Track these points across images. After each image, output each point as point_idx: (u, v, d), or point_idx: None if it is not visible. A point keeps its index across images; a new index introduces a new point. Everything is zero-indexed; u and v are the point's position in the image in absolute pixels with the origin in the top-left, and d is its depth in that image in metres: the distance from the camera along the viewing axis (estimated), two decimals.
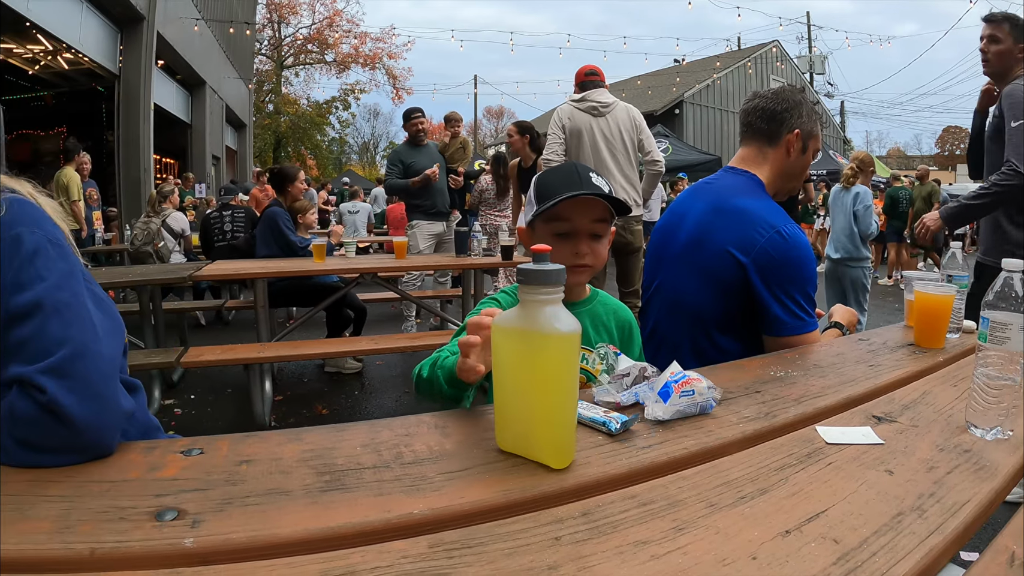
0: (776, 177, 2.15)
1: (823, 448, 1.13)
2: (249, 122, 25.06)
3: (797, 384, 1.50)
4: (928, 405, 1.38)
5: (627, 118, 4.93)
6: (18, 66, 12.86)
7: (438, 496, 0.91)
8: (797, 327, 1.94)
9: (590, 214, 1.58)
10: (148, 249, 7.40)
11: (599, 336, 1.69)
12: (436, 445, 1.09)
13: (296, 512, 0.87)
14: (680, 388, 1.22)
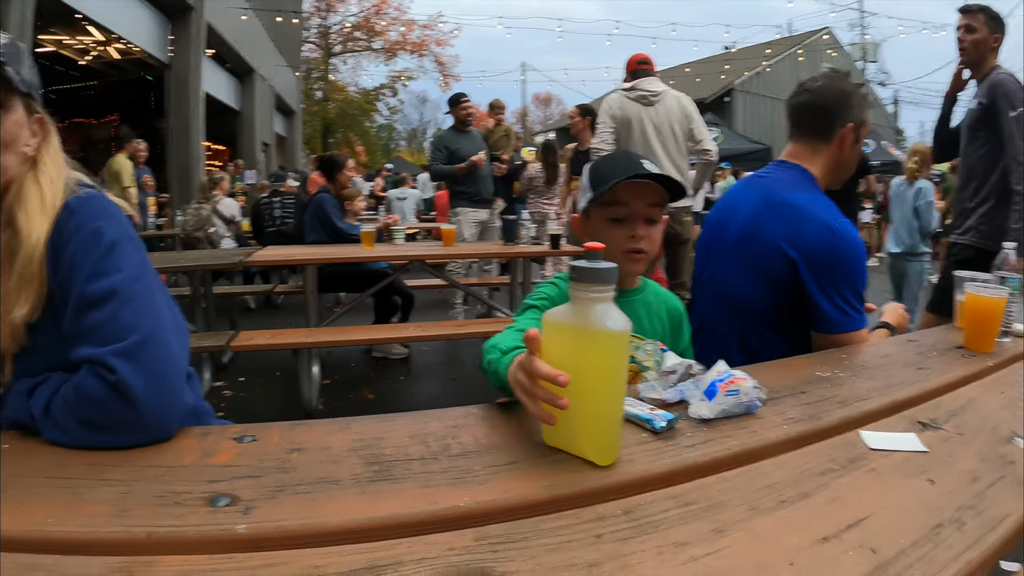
0: (829, 171, 2.11)
1: (866, 454, 1.12)
2: (298, 109, 25.34)
3: (843, 386, 1.46)
4: (974, 412, 1.34)
5: (677, 107, 4.87)
6: (69, 57, 13.15)
7: (484, 489, 0.92)
8: (846, 324, 1.91)
9: (645, 198, 1.60)
10: (199, 235, 7.57)
11: (652, 326, 1.71)
12: (483, 438, 1.11)
13: (345, 501, 0.89)
14: (725, 387, 1.22)
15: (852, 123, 2.05)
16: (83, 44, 12.53)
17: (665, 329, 1.75)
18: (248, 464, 1.00)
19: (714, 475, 1.02)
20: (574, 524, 0.84)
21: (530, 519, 0.85)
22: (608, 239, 1.59)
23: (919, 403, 1.40)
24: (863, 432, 1.20)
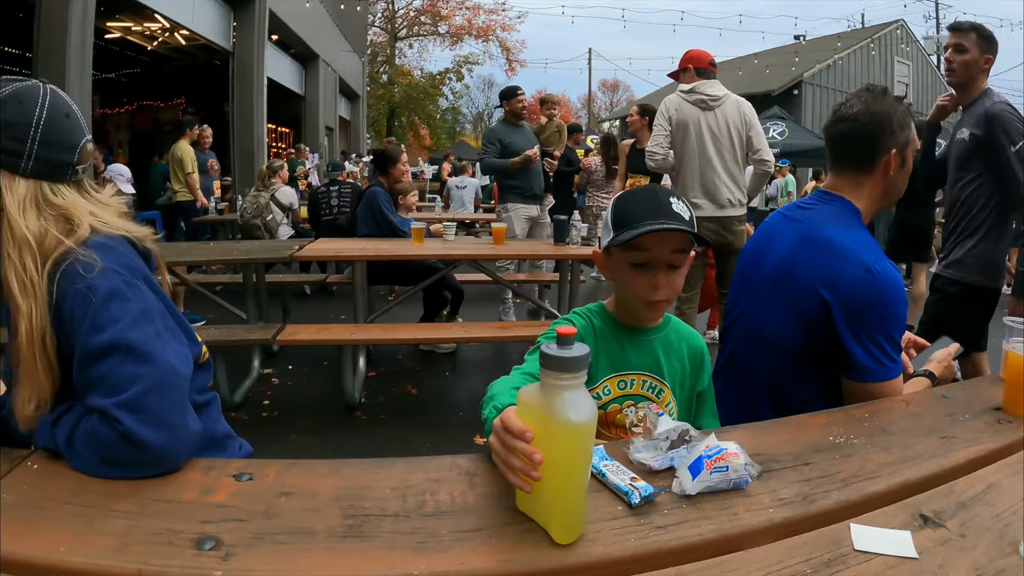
0: (876, 201, 1.99)
1: (848, 555, 0.99)
2: (362, 93, 25.63)
3: (854, 457, 1.32)
4: (988, 505, 1.16)
5: (737, 113, 4.71)
6: (137, 42, 13.52)
7: (443, 557, 0.92)
8: (879, 374, 1.78)
9: (669, 245, 1.53)
10: (257, 222, 7.71)
11: (671, 365, 1.67)
12: (459, 496, 1.10)
13: (316, 556, 0.93)
14: (713, 464, 1.14)
15: (895, 148, 1.92)
16: (150, 31, 12.87)
17: (685, 369, 1.70)
18: (239, 505, 1.05)
19: (677, 566, 0.95)
20: None
21: None
22: (627, 285, 1.59)
23: (931, 486, 1.23)
24: (854, 525, 1.07)
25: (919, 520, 1.10)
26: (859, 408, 1.66)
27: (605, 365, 1.63)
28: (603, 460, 1.19)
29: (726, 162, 4.69)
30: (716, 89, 4.73)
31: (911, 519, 1.10)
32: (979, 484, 1.24)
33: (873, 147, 1.93)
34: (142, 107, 16.46)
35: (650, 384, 1.64)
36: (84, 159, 1.36)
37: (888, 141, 1.92)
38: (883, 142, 1.92)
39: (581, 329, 1.64)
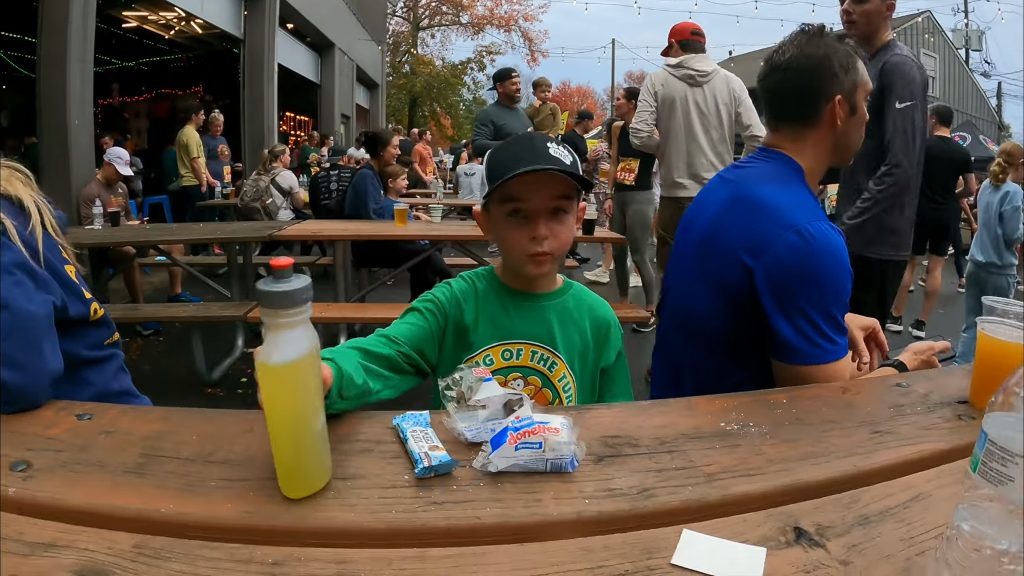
0: (825, 156, 1.74)
1: (655, 570, 0.78)
2: (382, 82, 25.65)
3: (740, 449, 1.09)
4: (902, 523, 0.88)
5: (726, 89, 4.53)
6: (155, 31, 13.63)
7: (195, 500, 0.89)
8: (812, 355, 1.52)
9: (549, 190, 1.40)
10: (256, 205, 7.75)
11: (565, 333, 1.52)
12: (256, 448, 1.04)
13: (93, 485, 0.93)
14: (519, 438, 0.96)
15: (840, 95, 1.66)
16: (165, 20, 12.94)
17: (587, 341, 1.55)
18: (64, 439, 1.07)
19: (419, 548, 0.81)
20: (222, 560, 0.77)
21: (196, 540, 0.81)
22: (508, 239, 1.46)
23: (830, 492, 0.97)
24: (688, 532, 0.85)
25: (791, 534, 0.85)
26: (778, 392, 1.39)
27: (487, 333, 1.50)
28: (416, 425, 1.08)
29: (713, 141, 4.53)
30: (705, 64, 4.55)
31: (779, 532, 0.86)
32: (901, 494, 0.96)
33: (814, 97, 1.68)
34: (160, 95, 16.59)
35: (541, 355, 1.51)
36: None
37: (830, 87, 1.67)
38: (824, 89, 1.67)
39: (459, 292, 1.54)
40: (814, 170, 1.75)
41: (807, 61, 1.68)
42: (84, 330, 1.47)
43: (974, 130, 17.03)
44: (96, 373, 1.50)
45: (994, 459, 0.68)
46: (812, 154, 1.73)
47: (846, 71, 1.67)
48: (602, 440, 1.10)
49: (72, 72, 7.17)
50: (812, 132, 1.71)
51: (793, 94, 1.70)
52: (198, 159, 8.86)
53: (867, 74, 1.73)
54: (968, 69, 26.64)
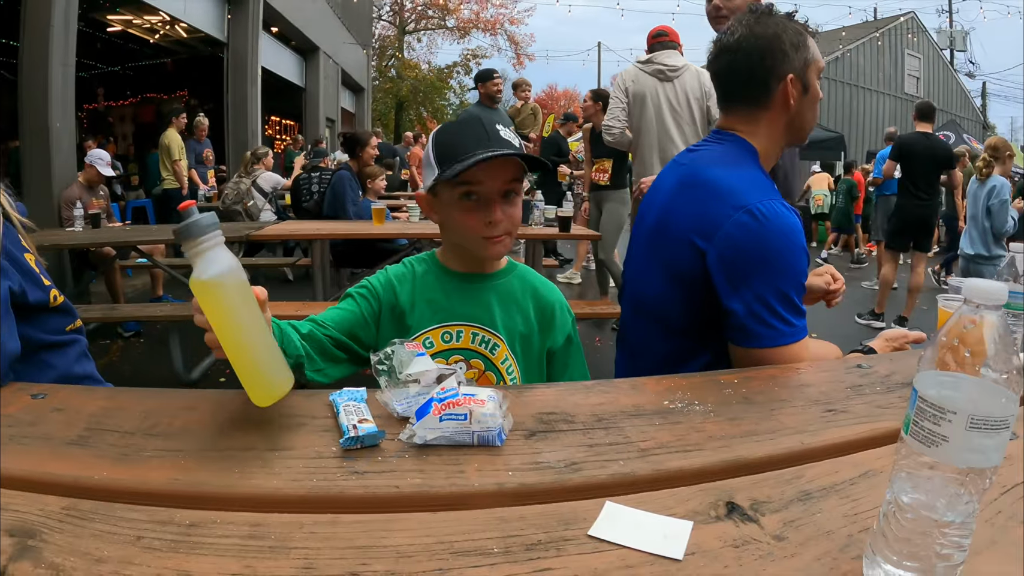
0: (779, 136, 1.72)
1: (570, 541, 0.77)
2: (368, 86, 25.59)
3: (680, 426, 1.07)
4: (847, 499, 0.86)
5: (697, 84, 4.54)
6: (139, 36, 13.59)
7: (128, 469, 0.91)
8: (767, 338, 1.50)
9: (504, 175, 1.42)
10: (238, 208, 7.74)
11: (507, 315, 1.52)
12: (194, 423, 1.07)
13: (37, 455, 0.95)
14: (443, 409, 0.97)
15: (792, 73, 1.64)
16: (150, 24, 12.89)
17: (531, 323, 1.54)
18: (17, 416, 1.09)
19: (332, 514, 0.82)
20: (143, 521, 0.79)
21: (124, 504, 0.83)
22: (461, 223, 1.46)
23: (772, 468, 0.95)
24: (610, 504, 0.83)
25: (722, 509, 0.83)
26: (729, 373, 1.38)
27: (425, 316, 1.51)
28: (351, 400, 1.09)
29: (686, 135, 4.53)
30: (675, 59, 4.58)
31: (710, 507, 0.84)
32: (847, 470, 0.94)
33: (766, 76, 1.66)
34: (146, 99, 16.53)
35: (482, 337, 1.50)
36: None
37: (781, 66, 1.64)
38: (776, 69, 1.65)
39: (394, 276, 1.56)
40: (768, 151, 1.73)
41: (757, 41, 1.66)
42: (44, 316, 1.50)
43: (958, 129, 17.15)
44: (58, 357, 1.52)
45: (926, 418, 0.66)
46: (766, 134, 1.71)
47: (796, 49, 1.66)
48: (537, 416, 1.11)
49: (54, 74, 7.14)
50: (765, 112, 1.69)
51: (744, 75, 1.69)
52: (180, 162, 8.89)
53: (818, 52, 1.71)
54: (952, 69, 26.82)
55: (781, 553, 0.75)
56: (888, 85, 24.40)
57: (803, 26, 1.70)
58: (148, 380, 4.55)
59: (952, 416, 0.64)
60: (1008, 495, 0.87)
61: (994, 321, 0.65)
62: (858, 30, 25.11)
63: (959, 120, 22.66)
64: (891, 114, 23.24)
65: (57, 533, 0.76)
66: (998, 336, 0.65)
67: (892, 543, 0.69)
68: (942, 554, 0.67)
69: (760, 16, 1.69)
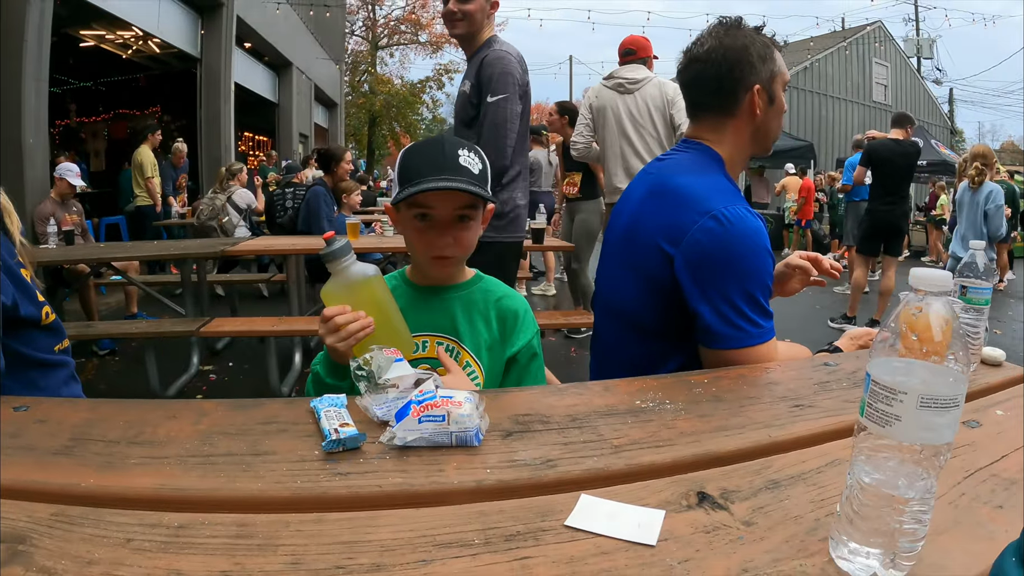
0: (745, 145, 1.77)
1: (548, 531, 0.80)
2: (341, 101, 25.59)
3: (651, 424, 1.11)
4: (813, 487, 0.91)
5: (658, 94, 4.67)
6: (112, 51, 13.51)
7: (113, 476, 0.93)
8: (734, 339, 1.54)
9: (455, 202, 1.46)
10: (213, 224, 7.72)
11: (470, 324, 1.55)
12: (176, 431, 1.09)
13: (22, 466, 0.97)
14: (422, 411, 1.00)
15: (758, 84, 1.68)
16: (123, 39, 12.82)
17: (493, 331, 1.57)
18: None
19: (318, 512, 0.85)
20: (131, 524, 0.81)
21: (111, 509, 0.85)
22: (414, 241, 1.53)
23: (740, 460, 1.00)
24: (585, 496, 0.87)
25: (693, 498, 0.87)
26: (699, 374, 1.44)
27: None
28: (332, 406, 1.12)
29: (648, 145, 4.67)
30: (636, 72, 4.71)
31: (681, 497, 0.88)
32: (814, 460, 0.99)
33: (733, 86, 1.69)
34: (119, 115, 16.38)
35: (446, 346, 1.54)
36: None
37: (749, 77, 1.68)
38: (744, 79, 1.68)
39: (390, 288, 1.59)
40: (734, 158, 1.76)
41: (725, 52, 1.69)
42: (35, 333, 1.51)
43: (926, 135, 17.38)
44: (45, 378, 1.54)
45: (879, 400, 0.70)
46: (732, 143, 1.75)
47: (764, 61, 1.70)
48: (513, 417, 1.15)
49: (27, 89, 7.11)
50: (731, 121, 1.73)
51: (712, 84, 1.72)
52: (152, 179, 8.81)
53: (784, 65, 1.76)
54: (920, 77, 27.25)
55: (751, 537, 0.79)
56: (856, 93, 24.74)
57: (771, 40, 1.75)
58: (124, 397, 4.49)
59: (903, 396, 0.69)
60: (971, 478, 0.93)
61: (939, 307, 0.70)
62: (826, 40, 25.45)
63: (927, 126, 23.02)
64: (860, 122, 23.53)
65: (47, 538, 0.77)
66: (944, 320, 0.69)
67: (856, 522, 0.73)
68: (904, 530, 0.71)
69: (729, 28, 1.73)
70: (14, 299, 1.43)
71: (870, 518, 0.72)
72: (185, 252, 4.85)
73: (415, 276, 1.62)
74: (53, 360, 1.57)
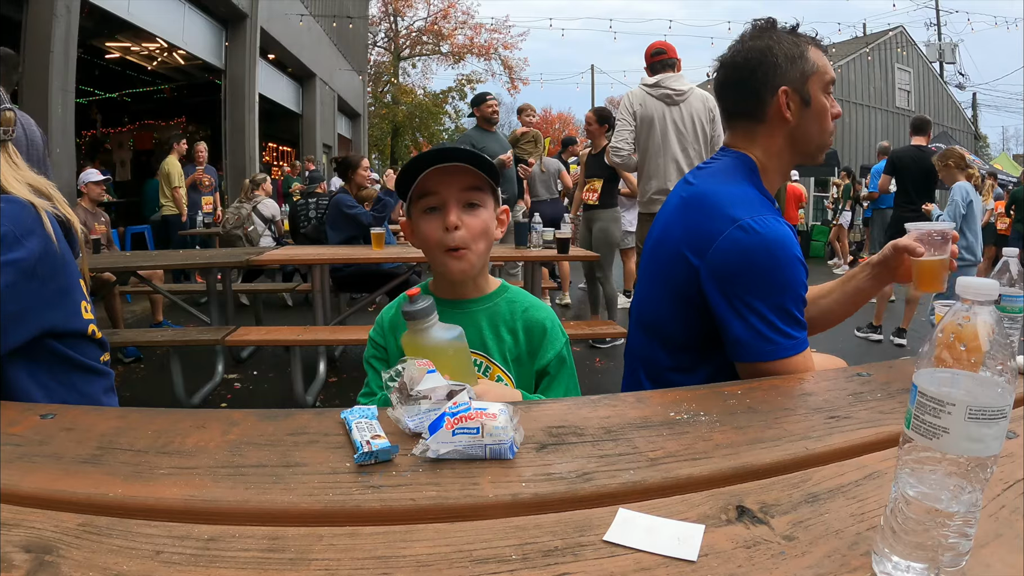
0: (779, 152, 1.68)
1: (587, 546, 0.78)
2: (364, 112, 25.78)
3: (686, 436, 1.09)
4: (853, 500, 0.88)
5: (703, 108, 4.61)
6: (137, 63, 13.71)
7: (142, 486, 0.92)
8: (766, 352, 1.48)
9: (458, 182, 1.44)
10: (238, 233, 7.78)
11: (497, 337, 1.53)
12: (205, 441, 1.08)
13: (49, 474, 0.96)
14: (456, 423, 0.98)
15: (785, 86, 1.60)
16: (148, 51, 13.01)
17: (520, 343, 1.54)
18: (25, 435, 1.10)
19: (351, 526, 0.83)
20: (160, 536, 0.80)
21: (135, 520, 0.83)
22: (426, 237, 1.48)
23: (779, 473, 0.97)
24: (623, 511, 0.85)
25: (733, 512, 0.85)
26: (732, 385, 1.38)
27: None
28: (363, 417, 1.10)
29: (691, 158, 4.59)
30: (681, 83, 4.63)
31: (720, 511, 0.85)
32: (853, 472, 0.96)
33: (757, 89, 1.63)
34: (144, 126, 16.61)
35: (474, 360, 1.48)
36: (4, 123, 1.49)
37: (773, 79, 1.61)
38: (768, 81, 1.61)
39: (386, 321, 1.61)
40: (769, 166, 1.69)
41: (748, 54, 1.65)
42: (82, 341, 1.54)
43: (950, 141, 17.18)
44: (87, 384, 1.54)
45: (926, 411, 0.68)
46: (764, 150, 1.68)
47: (792, 61, 1.62)
48: (547, 430, 1.12)
49: (54, 100, 7.24)
50: (761, 126, 1.67)
51: (737, 88, 1.68)
52: (179, 189, 8.90)
53: (825, 63, 1.66)
54: (943, 82, 26.90)
55: (792, 552, 0.77)
56: (879, 100, 24.47)
57: (808, 38, 1.67)
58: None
59: (951, 408, 0.67)
60: (1011, 491, 0.90)
61: (986, 316, 0.67)
62: (848, 46, 25.16)
63: (951, 132, 22.75)
64: (883, 128, 23.27)
65: (75, 549, 0.76)
66: (991, 330, 0.67)
67: (900, 536, 0.71)
68: (948, 544, 0.69)
69: (759, 29, 1.69)
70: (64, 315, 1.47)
71: (914, 532, 0.69)
72: (210, 261, 4.86)
73: (439, 288, 1.59)
74: (98, 368, 1.58)
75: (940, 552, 0.69)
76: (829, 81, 1.66)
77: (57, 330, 1.44)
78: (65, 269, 1.45)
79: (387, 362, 1.56)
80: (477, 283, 1.56)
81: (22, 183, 1.47)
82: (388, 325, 1.59)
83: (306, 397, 4.48)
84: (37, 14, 7.21)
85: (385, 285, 5.25)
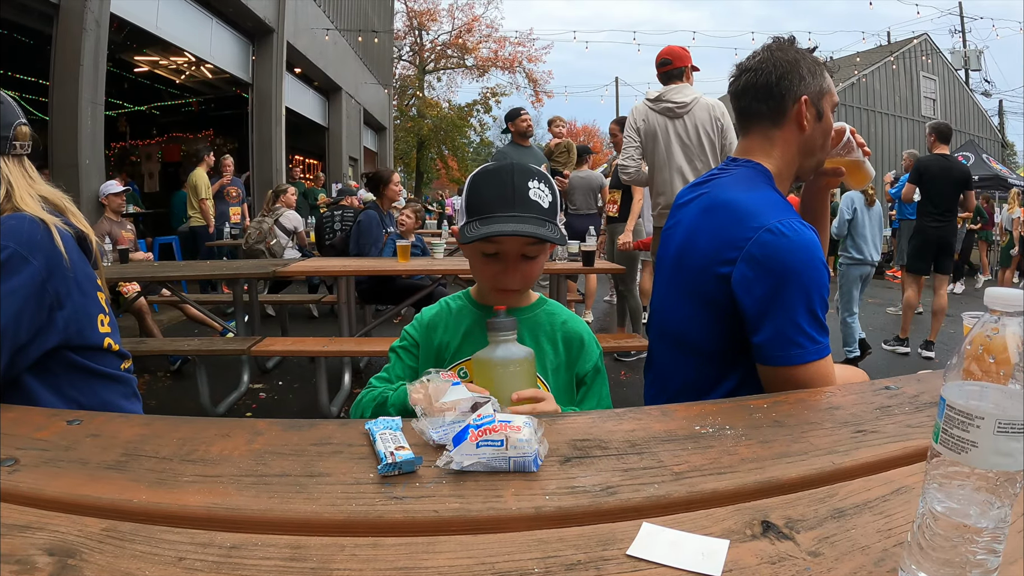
0: (792, 160, 1.75)
1: (610, 560, 0.77)
2: (389, 124, 25.98)
3: (712, 450, 1.08)
4: (879, 516, 0.87)
5: (708, 118, 4.52)
6: (165, 76, 13.92)
7: (168, 493, 0.93)
8: (793, 356, 1.49)
9: (522, 241, 1.45)
10: (260, 247, 7.81)
11: (538, 347, 1.54)
12: (230, 450, 1.09)
13: (73, 477, 0.98)
14: (480, 435, 0.98)
15: (806, 96, 1.68)
16: (176, 64, 13.21)
17: (560, 354, 1.57)
18: (52, 440, 1.13)
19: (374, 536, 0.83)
20: (183, 543, 0.80)
21: (159, 526, 0.84)
22: (479, 271, 1.53)
23: (804, 488, 0.96)
24: (647, 525, 0.84)
25: (758, 528, 0.84)
26: (758, 398, 1.37)
27: (462, 348, 1.56)
28: (387, 428, 1.10)
29: (697, 170, 4.52)
30: (683, 95, 4.56)
31: (745, 526, 0.84)
32: (880, 488, 0.95)
33: (782, 96, 1.70)
34: (172, 138, 16.85)
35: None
36: (19, 137, 1.52)
37: (797, 87, 1.69)
38: (791, 88, 1.69)
39: (429, 317, 1.62)
40: (782, 172, 1.75)
41: (776, 62, 1.71)
42: (100, 352, 1.56)
43: (977, 149, 16.99)
44: (109, 391, 1.58)
45: (954, 425, 0.67)
46: (780, 155, 1.74)
47: (813, 75, 1.71)
48: (571, 443, 1.11)
49: (83, 113, 7.36)
50: (779, 132, 1.73)
51: (762, 91, 1.72)
52: (206, 200, 9.00)
53: (833, 87, 1.76)
54: (968, 89, 26.57)
55: (817, 568, 0.75)
56: (905, 108, 24.21)
57: (822, 62, 1.76)
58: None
59: (980, 422, 0.65)
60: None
61: (1015, 327, 0.66)
62: (872, 55, 24.91)
63: (977, 140, 22.46)
64: (909, 138, 23.03)
65: (97, 553, 0.77)
66: (1020, 341, 0.66)
67: (927, 553, 0.69)
68: (976, 560, 0.67)
69: (782, 44, 1.75)
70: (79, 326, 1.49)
71: (942, 548, 0.68)
72: (237, 272, 4.90)
73: (481, 296, 1.62)
74: (118, 375, 1.61)
75: (968, 569, 0.67)
76: (835, 103, 1.78)
77: (72, 343, 1.47)
78: (77, 284, 1.47)
79: (415, 356, 1.60)
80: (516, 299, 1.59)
81: (35, 198, 1.49)
82: (428, 322, 1.62)
83: (331, 408, 4.50)
84: (67, 28, 7.37)
85: (408, 297, 5.27)
